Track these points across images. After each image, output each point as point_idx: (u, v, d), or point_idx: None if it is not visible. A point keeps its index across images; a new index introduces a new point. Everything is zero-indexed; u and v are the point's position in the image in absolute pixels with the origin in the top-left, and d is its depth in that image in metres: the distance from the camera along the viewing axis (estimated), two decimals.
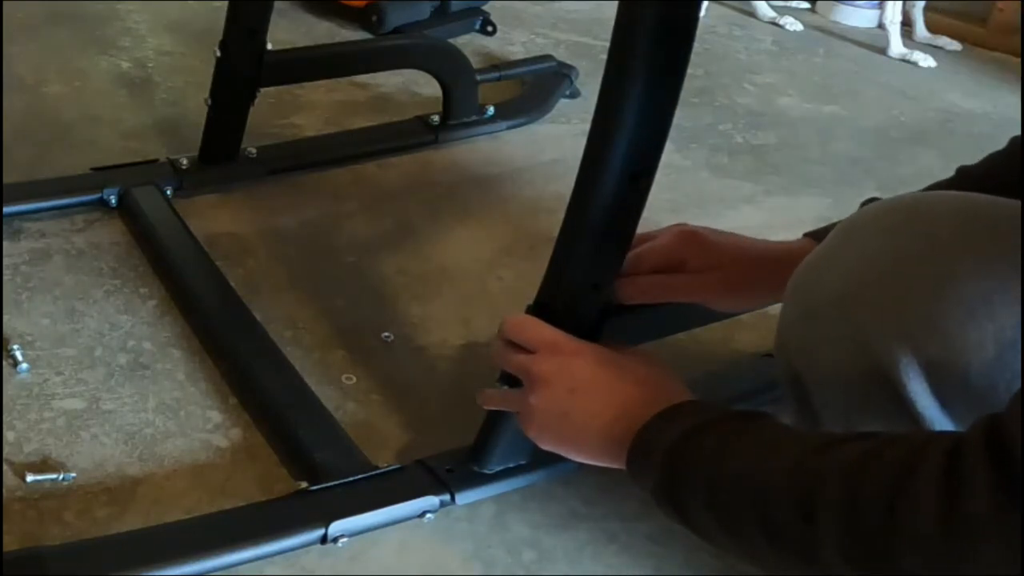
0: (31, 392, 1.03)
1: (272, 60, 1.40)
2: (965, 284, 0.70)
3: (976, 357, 0.69)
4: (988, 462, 0.53)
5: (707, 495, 0.69)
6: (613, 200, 0.83)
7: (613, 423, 0.79)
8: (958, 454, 0.55)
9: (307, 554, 0.91)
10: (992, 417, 0.56)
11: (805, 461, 0.64)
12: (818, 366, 0.79)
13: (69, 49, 1.76)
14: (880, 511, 0.57)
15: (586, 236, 0.85)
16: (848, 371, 0.75)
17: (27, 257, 1.23)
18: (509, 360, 0.87)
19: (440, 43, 1.70)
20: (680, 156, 1.70)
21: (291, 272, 1.29)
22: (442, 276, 1.32)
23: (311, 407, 1.05)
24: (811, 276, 0.81)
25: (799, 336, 0.81)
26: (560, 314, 0.88)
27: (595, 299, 0.89)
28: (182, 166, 1.41)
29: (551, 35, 2.15)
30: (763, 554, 0.66)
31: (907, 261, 0.73)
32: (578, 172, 0.84)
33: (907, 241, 0.75)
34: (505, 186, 1.55)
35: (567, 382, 0.82)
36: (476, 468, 0.98)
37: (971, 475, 0.54)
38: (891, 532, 0.56)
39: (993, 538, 0.52)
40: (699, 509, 0.70)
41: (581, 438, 0.82)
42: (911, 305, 0.72)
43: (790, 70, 2.21)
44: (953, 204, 0.77)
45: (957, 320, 0.69)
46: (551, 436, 0.84)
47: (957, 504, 0.54)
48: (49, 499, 0.92)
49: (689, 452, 0.72)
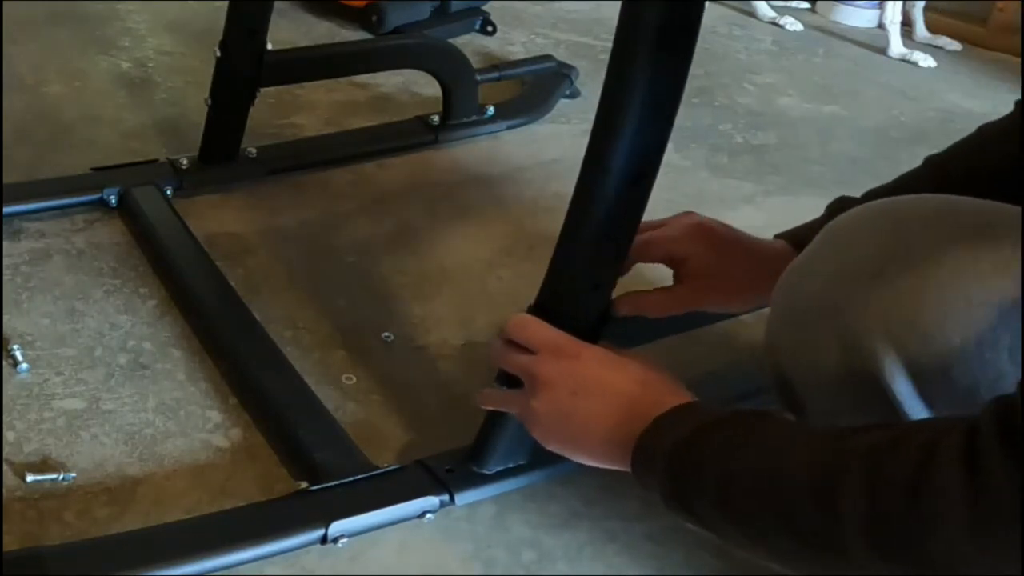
0: (31, 392, 1.03)
1: (272, 60, 1.40)
2: (944, 285, 0.70)
3: (957, 357, 0.69)
4: (1002, 445, 0.54)
5: (717, 493, 0.69)
6: (614, 201, 0.83)
7: (616, 427, 0.79)
8: (975, 435, 0.55)
9: (307, 554, 0.91)
10: (1002, 399, 0.56)
11: (822, 450, 0.64)
12: (806, 369, 0.79)
13: (69, 49, 1.76)
14: (903, 494, 0.57)
15: (587, 237, 0.85)
16: (836, 373, 0.76)
17: (27, 257, 1.23)
18: (510, 360, 0.87)
19: (440, 43, 1.70)
20: (680, 156, 1.70)
21: (291, 272, 1.29)
22: (442, 276, 1.32)
23: (311, 407, 1.05)
24: (796, 280, 0.82)
25: (787, 340, 0.81)
26: (561, 314, 0.87)
27: (596, 299, 0.89)
28: (182, 166, 1.41)
29: (551, 35, 2.15)
30: (782, 549, 0.65)
31: (889, 263, 0.74)
32: (579, 173, 0.84)
33: (889, 244, 0.75)
34: (505, 186, 1.55)
35: (569, 384, 0.82)
36: (475, 468, 0.98)
37: (989, 458, 0.54)
38: (916, 516, 0.56)
39: (1017, 519, 0.52)
40: (709, 508, 0.70)
41: (585, 441, 0.81)
42: (893, 307, 0.72)
43: (790, 70, 2.21)
44: (932, 206, 0.78)
45: (937, 321, 0.70)
46: (556, 438, 0.84)
47: (980, 485, 0.54)
48: (49, 499, 0.92)
49: (695, 451, 0.72)
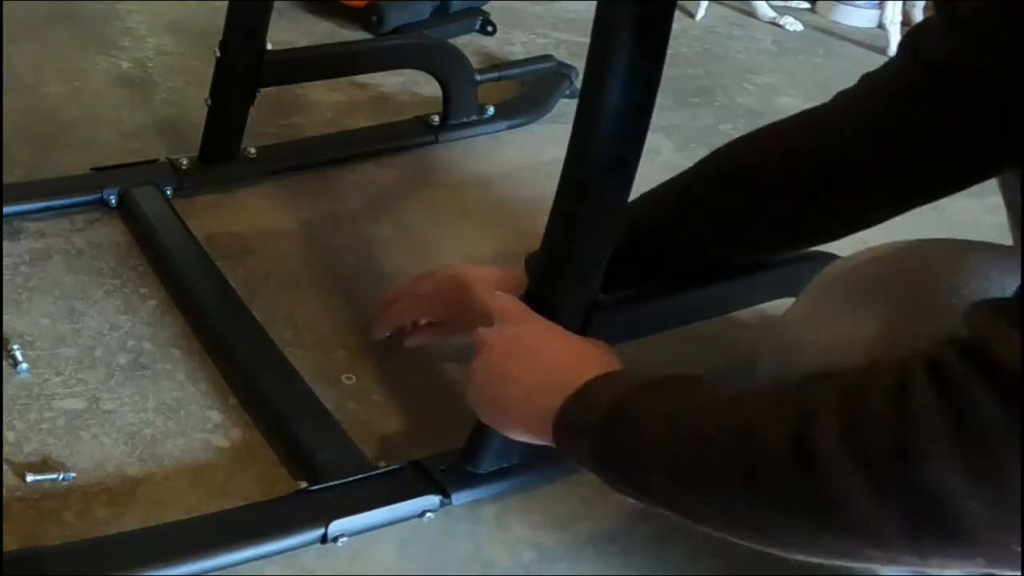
0: (31, 392, 1.03)
1: (272, 60, 1.40)
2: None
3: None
4: (966, 367, 0.54)
5: (661, 456, 0.65)
6: (597, 189, 0.85)
7: (538, 391, 0.76)
8: (938, 363, 0.55)
9: (307, 554, 0.91)
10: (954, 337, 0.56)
11: (780, 401, 0.61)
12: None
13: (69, 49, 1.76)
14: (884, 431, 0.55)
15: (571, 227, 0.87)
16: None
17: (27, 257, 1.23)
18: (475, 332, 0.86)
19: (440, 43, 1.70)
20: (680, 156, 1.70)
21: (291, 272, 1.29)
22: None
23: (311, 407, 1.05)
24: (791, 342, 0.81)
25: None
26: (549, 304, 0.89)
27: (583, 289, 0.90)
28: (182, 166, 1.40)
29: (551, 35, 2.15)
30: (748, 515, 0.61)
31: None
32: (563, 164, 0.85)
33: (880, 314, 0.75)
34: (505, 186, 1.55)
35: (506, 349, 0.81)
36: (470, 468, 0.98)
37: (956, 379, 0.54)
38: (901, 448, 0.54)
39: (1006, 441, 0.52)
40: (653, 473, 0.66)
41: (508, 406, 0.80)
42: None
43: (790, 70, 2.21)
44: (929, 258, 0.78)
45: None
46: (483, 401, 0.82)
47: (956, 404, 0.53)
48: (49, 499, 0.92)
49: (630, 412, 0.68)
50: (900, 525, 0.55)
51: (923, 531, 0.54)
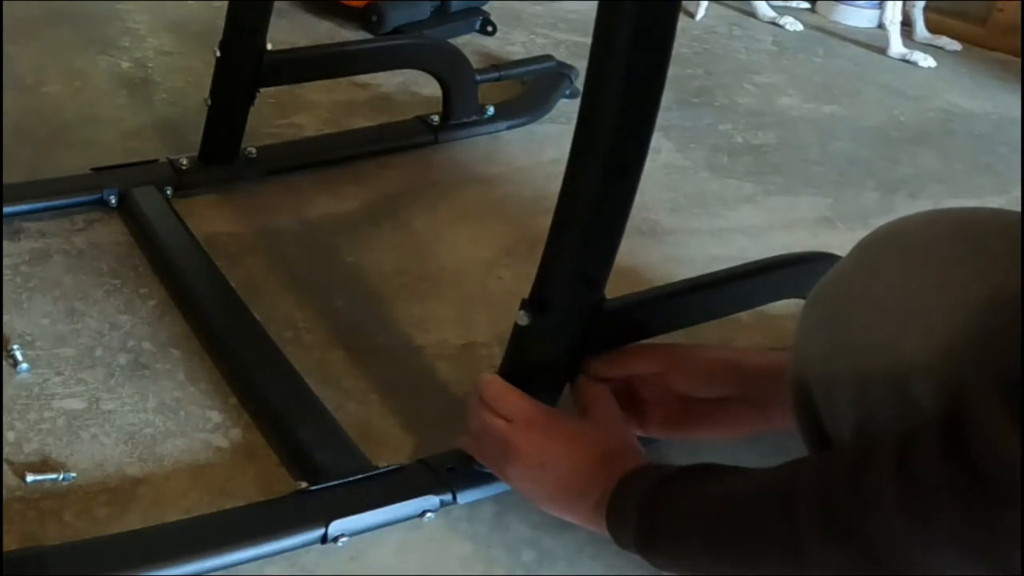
0: (31, 392, 1.03)
1: (272, 60, 1.40)
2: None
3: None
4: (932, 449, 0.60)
5: (685, 527, 0.77)
6: (601, 192, 0.84)
7: (579, 496, 0.87)
8: (906, 444, 0.62)
9: (307, 554, 0.91)
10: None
11: (775, 474, 0.72)
12: (839, 373, 0.77)
13: (69, 49, 1.76)
14: (846, 489, 0.64)
15: (575, 231, 0.87)
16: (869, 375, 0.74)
17: (27, 257, 1.23)
18: (489, 425, 0.92)
19: (440, 43, 1.70)
20: (680, 156, 1.70)
21: (291, 272, 1.29)
22: (442, 276, 1.32)
23: (311, 407, 1.05)
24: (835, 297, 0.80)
25: (821, 343, 0.79)
26: (554, 309, 0.89)
27: (588, 293, 0.90)
28: (182, 166, 1.40)
29: (551, 35, 2.15)
30: (755, 563, 0.71)
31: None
32: (566, 167, 0.85)
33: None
34: (505, 186, 1.55)
35: (538, 458, 0.89)
36: (477, 467, 0.98)
37: (917, 457, 0.60)
38: (858, 502, 0.63)
39: (948, 502, 0.58)
40: (681, 543, 0.78)
41: (557, 507, 0.90)
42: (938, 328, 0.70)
43: (790, 70, 2.21)
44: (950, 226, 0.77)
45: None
46: (534, 501, 0.91)
47: (909, 474, 0.60)
48: (49, 499, 0.92)
49: (661, 497, 0.80)
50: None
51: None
